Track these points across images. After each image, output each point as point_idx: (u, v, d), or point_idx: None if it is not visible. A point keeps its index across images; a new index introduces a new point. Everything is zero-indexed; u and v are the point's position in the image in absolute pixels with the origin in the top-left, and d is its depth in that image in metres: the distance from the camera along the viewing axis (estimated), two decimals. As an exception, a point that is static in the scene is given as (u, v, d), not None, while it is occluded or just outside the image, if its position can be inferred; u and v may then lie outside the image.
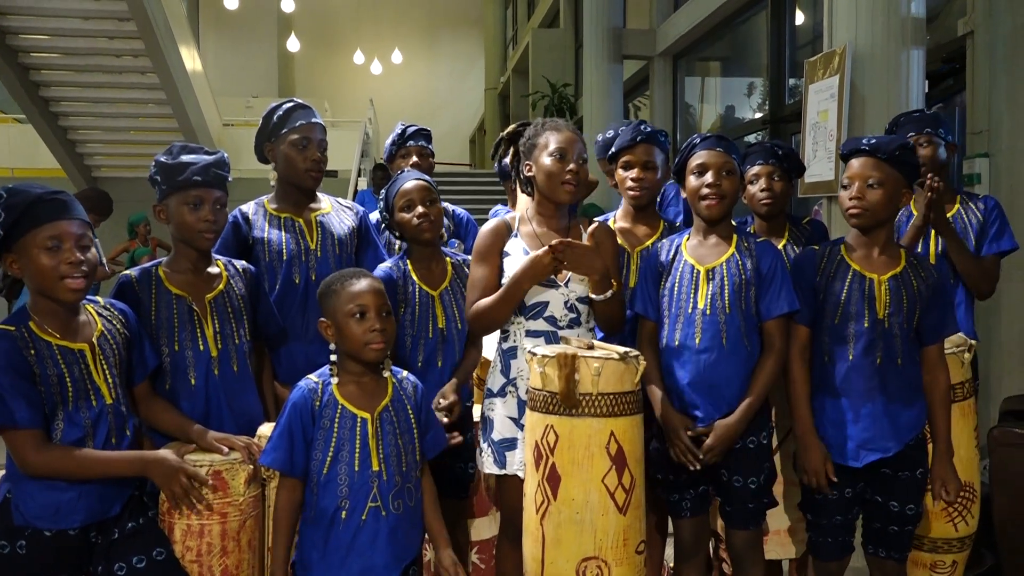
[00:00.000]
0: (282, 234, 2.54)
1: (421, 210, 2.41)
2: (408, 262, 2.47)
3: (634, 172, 2.53)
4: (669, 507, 2.39)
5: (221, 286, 2.27)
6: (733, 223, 2.39)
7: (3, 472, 1.90)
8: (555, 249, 2.13)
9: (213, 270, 2.28)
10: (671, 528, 2.48)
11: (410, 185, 2.45)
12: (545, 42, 13.97)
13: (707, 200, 2.27)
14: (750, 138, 7.53)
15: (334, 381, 2.00)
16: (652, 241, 2.56)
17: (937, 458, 2.26)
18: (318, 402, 1.97)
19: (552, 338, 2.25)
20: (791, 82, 6.88)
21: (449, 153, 17.09)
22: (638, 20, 10.17)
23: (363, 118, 13.41)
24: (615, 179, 2.66)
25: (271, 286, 2.50)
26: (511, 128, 2.51)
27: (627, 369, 2.04)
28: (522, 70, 15.27)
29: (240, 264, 2.37)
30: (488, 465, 2.32)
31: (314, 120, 2.56)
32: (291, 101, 2.61)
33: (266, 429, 2.20)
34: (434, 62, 21.15)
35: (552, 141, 2.26)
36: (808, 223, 2.90)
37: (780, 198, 2.71)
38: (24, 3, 7.81)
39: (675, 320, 2.29)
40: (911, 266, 2.26)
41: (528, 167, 2.32)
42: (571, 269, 2.18)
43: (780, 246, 2.66)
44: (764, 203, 2.69)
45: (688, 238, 2.36)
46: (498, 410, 2.31)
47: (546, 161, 2.25)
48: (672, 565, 2.53)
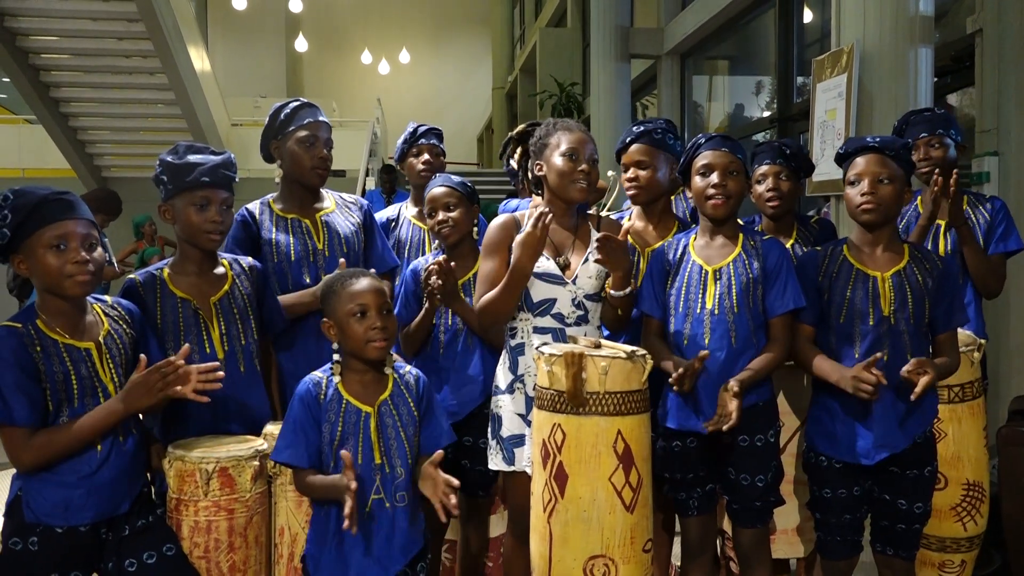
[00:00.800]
0: (289, 237, 2.56)
1: (441, 216, 2.58)
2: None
3: (629, 172, 2.56)
4: (676, 506, 2.39)
5: (226, 287, 2.28)
6: (740, 221, 2.39)
7: (15, 471, 1.92)
8: (599, 242, 2.16)
9: (219, 270, 2.29)
10: (678, 527, 2.48)
11: (433, 192, 2.62)
12: (552, 41, 13.97)
13: (712, 200, 2.27)
14: (758, 137, 7.52)
15: (337, 379, 2.01)
16: (662, 242, 2.56)
17: None
18: (323, 396, 1.99)
19: (559, 335, 2.26)
20: (799, 81, 6.86)
21: (456, 152, 17.05)
22: (646, 19, 10.17)
23: (371, 118, 13.40)
24: None
25: (282, 288, 2.52)
26: (520, 128, 2.52)
27: (634, 368, 2.04)
28: (529, 69, 15.28)
29: (246, 262, 2.37)
30: (497, 462, 2.32)
31: (320, 118, 2.57)
32: (297, 100, 2.62)
33: (272, 428, 2.22)
34: (441, 62, 21.15)
35: (564, 141, 2.27)
36: (816, 222, 2.90)
37: (787, 198, 2.71)
38: (34, 5, 7.87)
39: (683, 320, 2.29)
40: (915, 260, 2.25)
41: (539, 166, 2.32)
42: (607, 264, 2.20)
43: (788, 245, 2.66)
44: (771, 203, 2.70)
45: (695, 238, 2.36)
46: (506, 407, 2.31)
47: (558, 161, 2.26)
48: (679, 564, 2.53)
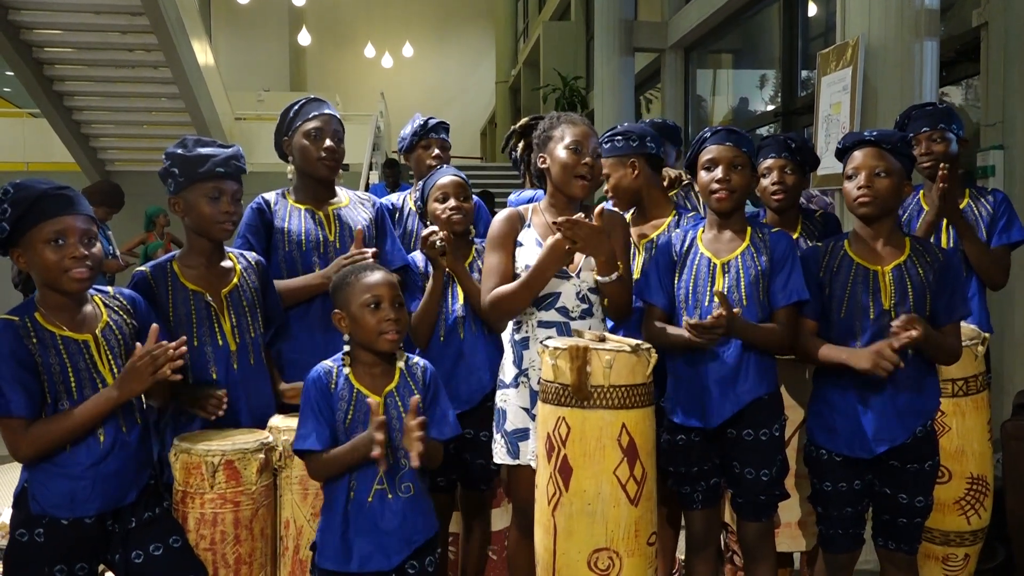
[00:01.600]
0: (302, 224, 2.55)
1: (454, 203, 2.56)
2: None
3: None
4: (680, 499, 2.40)
5: (235, 280, 2.29)
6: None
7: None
8: (561, 226, 2.11)
9: (226, 263, 2.30)
10: (683, 520, 2.48)
11: (447, 180, 2.61)
12: (556, 35, 13.95)
13: (716, 195, 2.27)
14: (762, 131, 7.50)
15: (347, 370, 2.02)
16: (657, 233, 2.57)
17: None
18: (333, 385, 1.99)
19: (564, 329, 2.26)
20: (803, 74, 6.84)
21: (460, 146, 17.00)
22: (649, 12, 10.13)
23: (374, 112, 13.39)
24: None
25: (292, 275, 2.52)
26: (523, 121, 2.52)
27: (639, 361, 2.04)
28: (533, 63, 15.25)
29: (252, 256, 2.39)
30: (501, 455, 2.33)
31: (327, 111, 2.57)
32: (306, 97, 2.63)
33: (277, 421, 2.22)
34: (445, 55, 21.10)
35: (568, 134, 2.27)
36: (821, 216, 2.90)
37: (792, 191, 2.70)
38: (38, -2, 7.87)
39: (692, 312, 2.28)
40: (915, 253, 2.24)
41: (542, 159, 2.33)
42: (579, 249, 2.17)
43: (792, 239, 2.66)
44: (776, 196, 2.70)
45: (703, 231, 2.36)
46: (511, 401, 2.32)
47: (561, 154, 2.26)
48: (684, 557, 2.53)
